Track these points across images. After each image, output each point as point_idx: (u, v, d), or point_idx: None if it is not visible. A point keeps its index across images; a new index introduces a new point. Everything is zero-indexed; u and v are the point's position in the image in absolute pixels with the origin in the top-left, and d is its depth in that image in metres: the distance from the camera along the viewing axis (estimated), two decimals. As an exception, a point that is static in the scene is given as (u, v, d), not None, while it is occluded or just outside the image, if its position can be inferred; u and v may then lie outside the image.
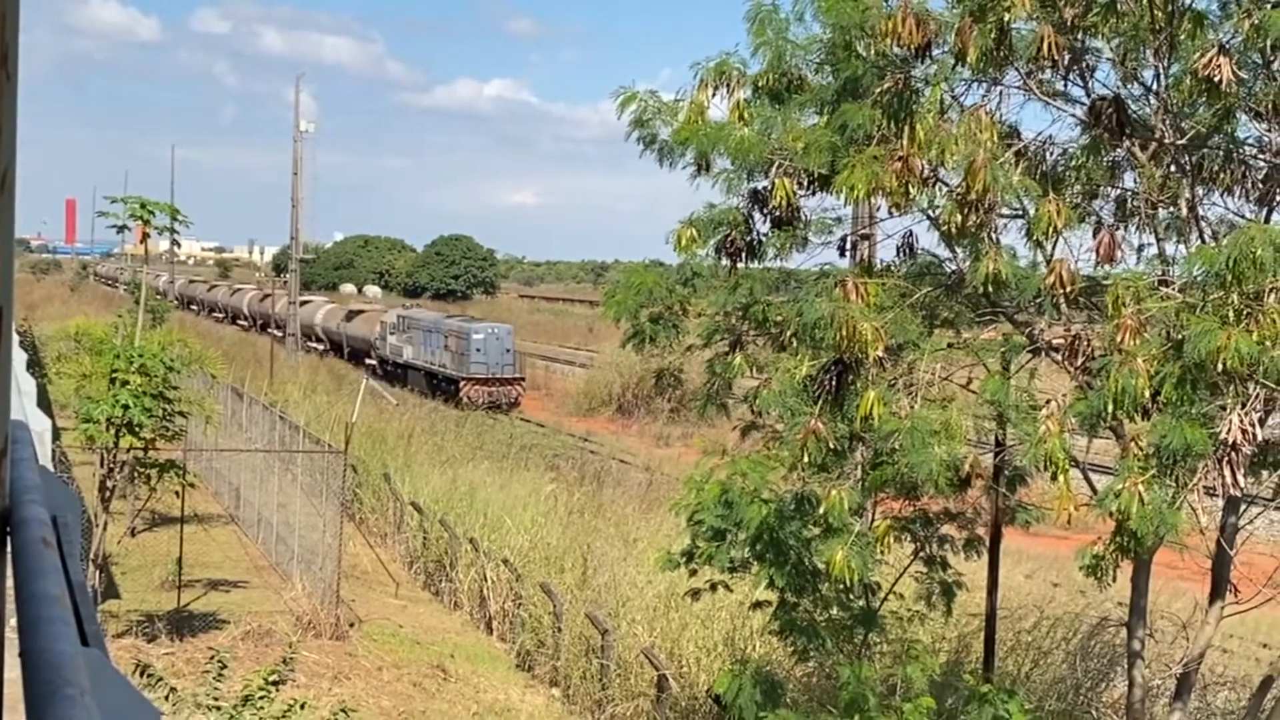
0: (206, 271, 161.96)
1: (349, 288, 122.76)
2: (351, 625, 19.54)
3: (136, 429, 17.32)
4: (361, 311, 74.64)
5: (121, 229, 19.03)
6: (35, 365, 38.71)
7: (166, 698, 9.97)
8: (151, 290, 38.02)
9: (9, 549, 2.07)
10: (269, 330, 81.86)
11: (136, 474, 19.09)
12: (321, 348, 74.70)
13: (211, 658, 10.87)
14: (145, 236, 19.47)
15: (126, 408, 17.02)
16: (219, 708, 9.81)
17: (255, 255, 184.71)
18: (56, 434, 24.50)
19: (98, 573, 18.14)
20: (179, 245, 23.03)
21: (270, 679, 10.26)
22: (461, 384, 54.58)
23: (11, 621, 1.80)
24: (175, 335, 25.74)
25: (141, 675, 10.13)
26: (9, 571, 2.05)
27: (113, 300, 79.90)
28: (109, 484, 18.01)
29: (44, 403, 25.10)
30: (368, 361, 65.62)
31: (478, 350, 54.97)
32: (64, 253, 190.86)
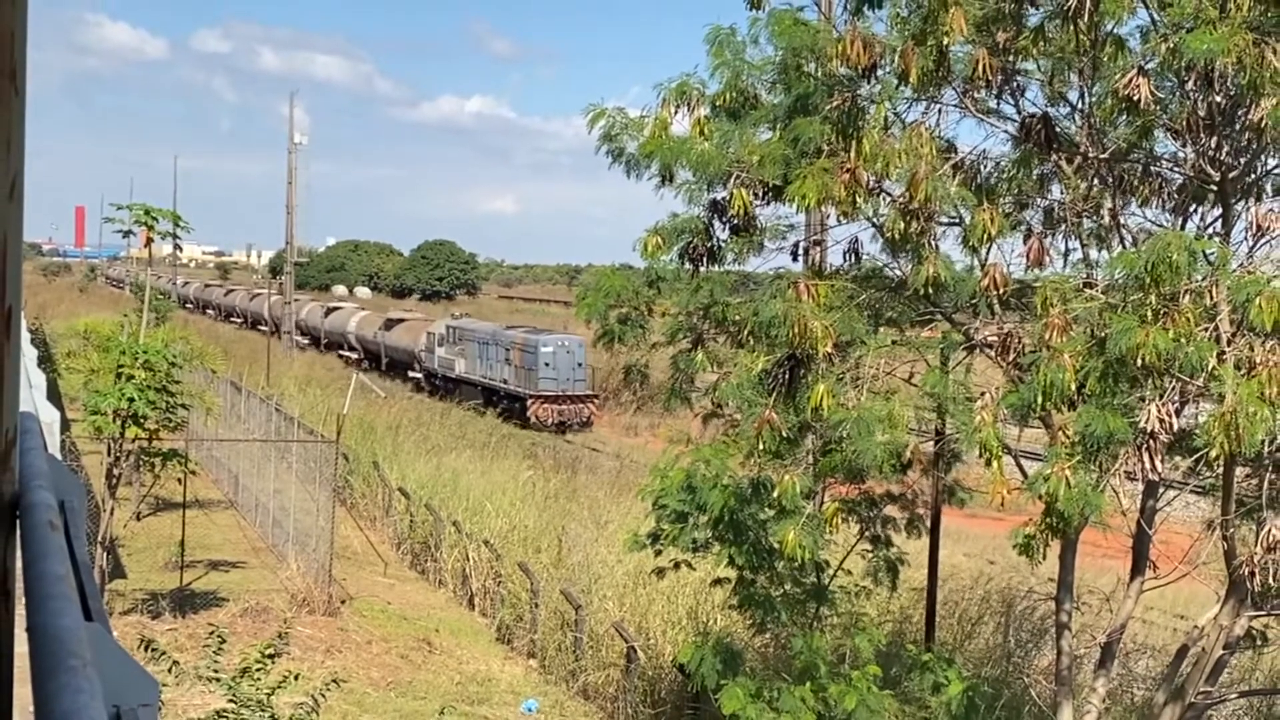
0: (206, 273, 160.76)
1: (340, 289, 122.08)
2: (343, 602, 19.49)
3: (141, 420, 17.23)
4: (402, 320, 64.31)
5: (127, 234, 18.92)
6: (46, 361, 38.39)
7: (169, 670, 9.92)
8: (156, 291, 37.76)
9: (18, 531, 2.08)
10: (293, 337, 73.42)
11: (141, 462, 19.01)
12: (355, 357, 65.86)
13: (212, 633, 10.82)
14: (149, 241, 19.33)
15: (132, 400, 16.94)
16: (218, 679, 9.76)
17: (253, 258, 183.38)
18: (66, 425, 24.33)
19: (105, 554, 18.02)
20: (181, 249, 22.89)
21: (267, 652, 10.21)
22: (529, 402, 45.76)
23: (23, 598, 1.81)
24: (178, 333, 25.58)
25: (146, 649, 10.08)
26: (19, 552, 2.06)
27: (120, 301, 79.03)
28: (115, 471, 17.90)
29: (54, 396, 24.91)
30: (411, 374, 57.99)
31: (546, 365, 45.90)
32: (73, 256, 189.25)
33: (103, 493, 18.33)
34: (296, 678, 10.40)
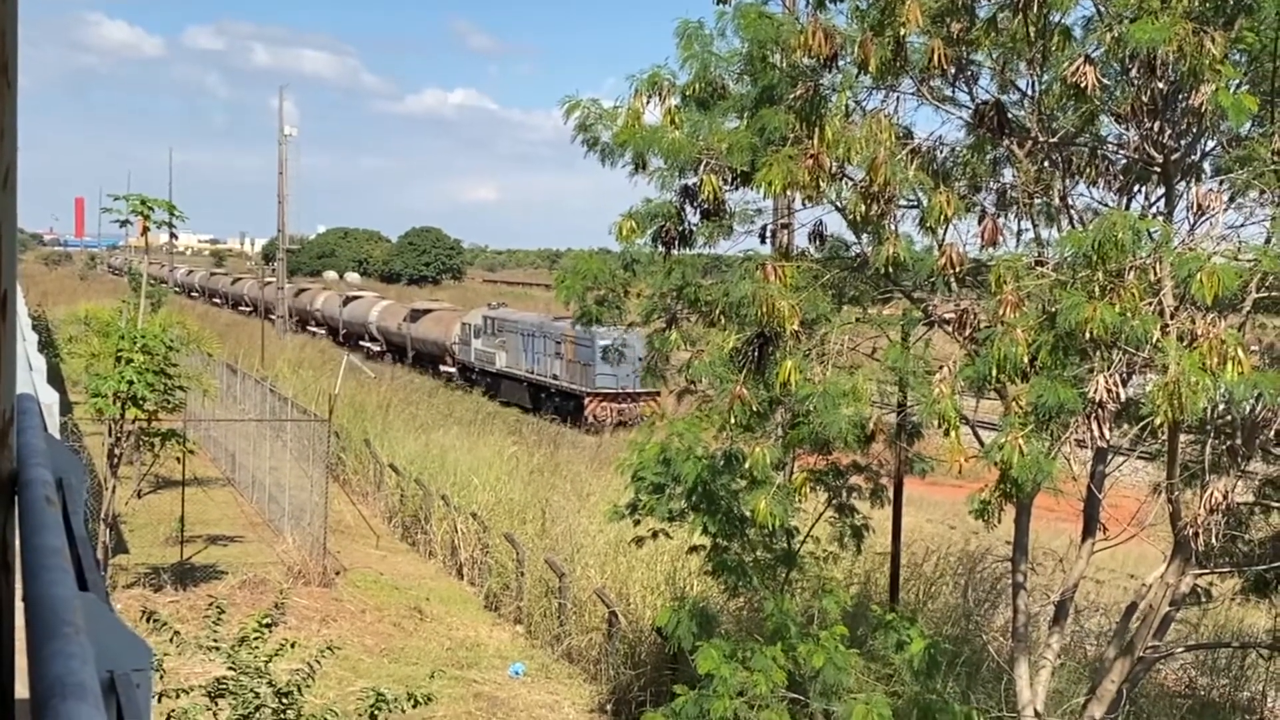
0: (202, 261, 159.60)
1: (331, 274, 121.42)
2: (337, 574, 19.48)
3: (141, 402, 17.18)
4: (429, 310, 57.68)
5: (124, 223, 18.81)
6: (49, 346, 38.11)
7: (171, 640, 9.91)
8: (150, 278, 37.23)
9: (17, 507, 2.08)
10: (308, 328, 70.54)
11: (141, 442, 18.94)
12: (378, 349, 60.31)
13: (211, 604, 10.81)
14: (146, 230, 19.22)
15: (131, 383, 16.88)
16: (218, 648, 9.76)
17: (246, 246, 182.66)
18: (69, 407, 24.19)
19: (108, 530, 17.98)
20: (176, 237, 22.71)
21: (264, 622, 10.21)
22: (586, 400, 40.10)
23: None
24: (175, 318, 25.45)
25: (148, 621, 10.06)
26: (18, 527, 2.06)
27: (119, 288, 78.30)
28: (117, 451, 17.84)
29: (56, 379, 24.75)
30: (443, 369, 52.23)
31: (604, 360, 39.60)
32: (74, 246, 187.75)
33: (105, 472, 18.28)
34: (293, 646, 10.41)
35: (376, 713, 9.44)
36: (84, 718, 1.25)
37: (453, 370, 51.23)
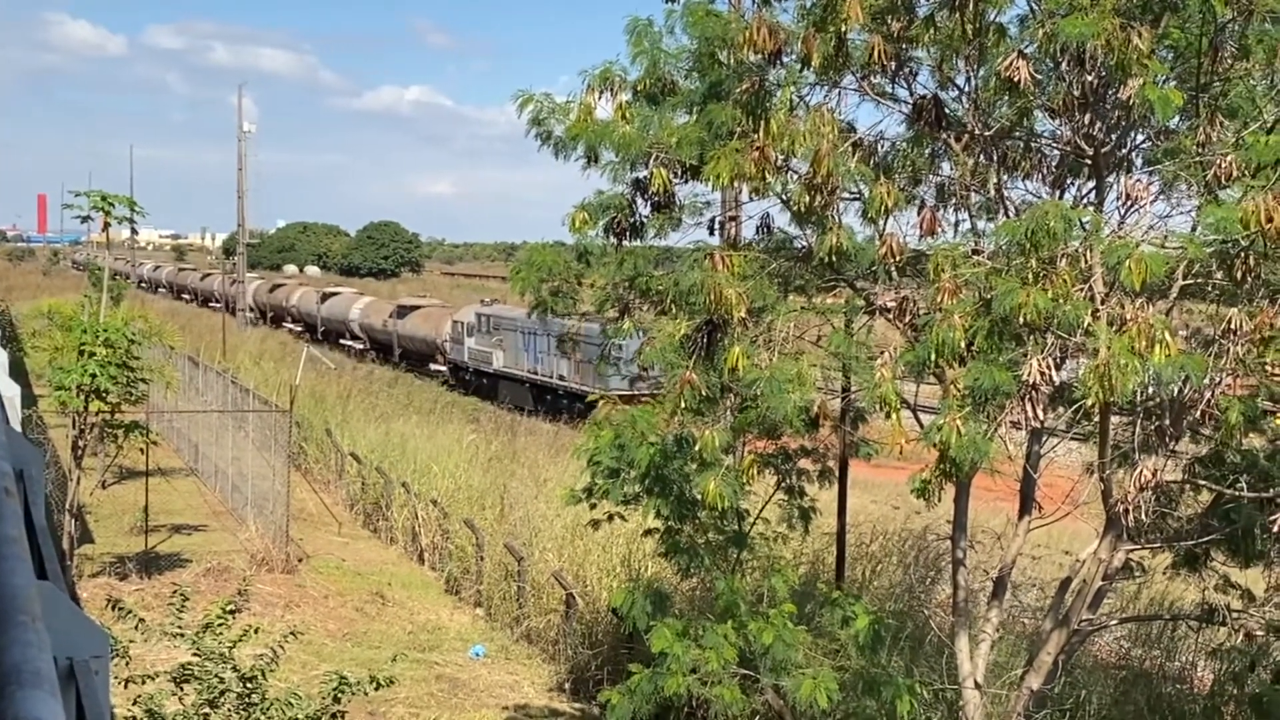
0: (163, 255, 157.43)
1: (291, 268, 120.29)
2: (300, 560, 19.36)
3: (104, 394, 16.99)
4: (417, 307, 54.30)
5: (85, 219, 18.55)
6: (13, 340, 37.55)
7: (136, 628, 9.80)
8: (115, 273, 36.60)
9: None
10: (283, 324, 67.81)
11: (105, 434, 18.71)
12: (361, 347, 57.65)
13: (175, 592, 10.70)
14: (107, 226, 18.95)
15: (94, 376, 16.69)
16: (183, 635, 9.67)
17: (207, 241, 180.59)
18: (33, 400, 23.83)
19: (73, 521, 17.75)
20: (137, 233, 22.43)
21: (228, 609, 10.12)
22: (600, 403, 36.40)
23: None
24: (136, 312, 25.12)
25: (114, 609, 9.94)
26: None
27: (82, 283, 77.00)
28: (81, 443, 17.62)
29: (20, 373, 24.37)
30: (434, 367, 49.24)
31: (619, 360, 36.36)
32: (37, 242, 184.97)
33: (69, 463, 18.07)
34: (257, 631, 10.34)
35: (339, 696, 9.40)
36: (41, 705, 1.24)
37: (443, 369, 48.25)
